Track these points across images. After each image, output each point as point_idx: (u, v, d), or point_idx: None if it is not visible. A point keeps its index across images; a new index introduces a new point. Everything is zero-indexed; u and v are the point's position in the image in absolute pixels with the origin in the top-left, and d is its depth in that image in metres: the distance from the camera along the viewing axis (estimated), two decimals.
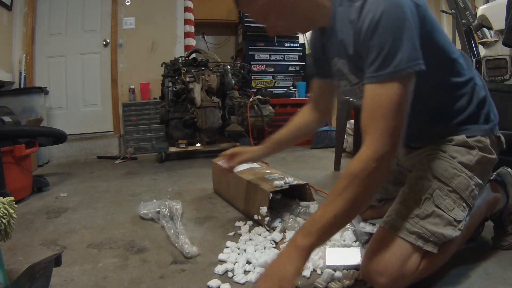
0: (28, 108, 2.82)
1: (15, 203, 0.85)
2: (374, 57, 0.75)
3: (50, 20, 3.38)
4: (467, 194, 0.87)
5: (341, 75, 0.95)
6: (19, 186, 1.85)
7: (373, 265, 0.83)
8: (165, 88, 2.94)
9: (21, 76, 3.15)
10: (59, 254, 0.86)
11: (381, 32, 0.73)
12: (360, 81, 0.87)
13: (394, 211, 0.88)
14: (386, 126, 0.74)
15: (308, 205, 1.31)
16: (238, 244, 1.15)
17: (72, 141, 3.26)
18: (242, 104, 3.01)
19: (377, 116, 0.75)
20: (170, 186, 2.08)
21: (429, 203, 0.85)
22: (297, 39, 4.15)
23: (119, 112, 3.55)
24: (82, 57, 3.49)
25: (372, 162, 0.74)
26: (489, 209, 1.04)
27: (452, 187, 0.86)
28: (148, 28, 3.61)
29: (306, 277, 0.95)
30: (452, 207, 0.85)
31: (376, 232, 0.90)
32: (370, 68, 0.76)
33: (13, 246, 1.22)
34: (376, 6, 0.73)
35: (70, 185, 2.21)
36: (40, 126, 2.36)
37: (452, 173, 0.88)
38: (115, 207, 1.70)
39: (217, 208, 1.61)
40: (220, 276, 0.97)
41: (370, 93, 0.77)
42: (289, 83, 4.03)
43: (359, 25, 0.77)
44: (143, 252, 1.16)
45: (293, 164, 2.62)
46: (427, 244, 0.83)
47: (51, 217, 1.58)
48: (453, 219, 0.84)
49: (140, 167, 2.76)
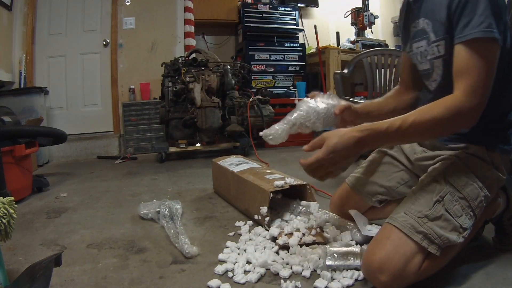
0: (28, 108, 2.82)
1: (15, 203, 0.85)
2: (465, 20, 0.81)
3: (50, 20, 3.38)
4: (476, 204, 0.88)
5: (420, 36, 0.98)
6: (19, 186, 1.85)
7: (375, 262, 0.83)
8: (165, 88, 2.94)
9: (21, 76, 3.15)
10: (59, 254, 0.86)
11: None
12: (439, 39, 0.91)
13: (402, 209, 0.88)
14: (474, 83, 0.80)
15: (308, 205, 1.31)
16: (238, 244, 1.15)
17: (72, 141, 3.26)
18: (242, 104, 3.01)
19: (466, 73, 0.81)
20: (170, 186, 2.08)
21: (440, 206, 0.86)
22: (297, 39, 4.15)
23: (119, 112, 3.55)
24: (82, 57, 3.49)
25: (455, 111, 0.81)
26: (489, 213, 1.04)
27: (463, 194, 0.88)
28: (148, 28, 3.61)
29: (306, 277, 0.95)
30: (461, 214, 0.86)
31: (382, 228, 0.90)
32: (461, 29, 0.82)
33: (13, 246, 1.22)
34: None
35: (70, 185, 2.21)
36: (40, 126, 2.36)
37: (465, 181, 0.89)
38: (115, 207, 1.70)
39: (217, 208, 1.61)
40: (220, 276, 0.97)
41: (460, 53, 0.83)
42: (289, 83, 4.03)
43: None
44: (143, 252, 1.16)
45: (293, 164, 2.61)
46: (432, 245, 0.83)
47: (51, 217, 1.58)
48: (459, 226, 0.85)
49: (140, 167, 2.76)
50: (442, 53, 0.92)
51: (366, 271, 0.86)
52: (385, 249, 0.83)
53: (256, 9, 3.95)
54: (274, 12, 4.01)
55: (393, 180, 1.15)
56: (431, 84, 1.01)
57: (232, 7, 4.04)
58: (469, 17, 0.81)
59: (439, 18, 0.89)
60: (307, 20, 4.56)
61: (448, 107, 0.82)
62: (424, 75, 1.04)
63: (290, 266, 0.99)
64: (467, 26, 0.81)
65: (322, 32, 4.34)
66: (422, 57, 1.01)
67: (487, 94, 0.82)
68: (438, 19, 0.90)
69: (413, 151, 1.13)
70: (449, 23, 0.86)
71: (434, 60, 0.96)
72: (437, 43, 0.93)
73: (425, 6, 0.96)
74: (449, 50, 0.88)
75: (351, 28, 4.38)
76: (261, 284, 0.93)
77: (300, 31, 4.21)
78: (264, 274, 0.97)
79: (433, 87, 1.01)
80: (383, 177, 1.16)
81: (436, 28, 0.91)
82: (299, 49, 4.08)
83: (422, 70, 1.03)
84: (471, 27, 0.80)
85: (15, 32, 3.15)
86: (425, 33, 0.96)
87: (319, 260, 0.99)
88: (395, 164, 1.17)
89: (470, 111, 0.82)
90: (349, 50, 4.05)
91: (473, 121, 0.84)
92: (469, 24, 0.81)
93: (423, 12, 0.96)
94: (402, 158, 1.16)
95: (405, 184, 1.14)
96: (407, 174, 1.15)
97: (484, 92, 0.81)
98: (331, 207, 1.26)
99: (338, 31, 4.37)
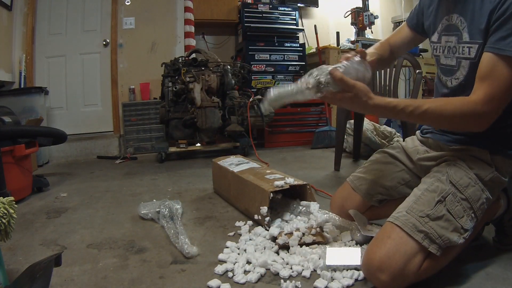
0: (28, 108, 2.82)
1: (15, 203, 0.85)
2: (505, 33, 0.81)
3: (50, 20, 3.37)
4: (478, 205, 0.89)
5: (452, 31, 0.97)
6: (19, 186, 1.85)
7: (375, 261, 0.83)
8: (165, 88, 2.94)
9: (21, 76, 3.15)
10: (59, 254, 0.86)
11: None
12: (473, 43, 0.91)
13: (404, 208, 0.89)
14: (493, 93, 0.82)
15: (308, 205, 1.31)
16: (238, 244, 1.15)
17: (72, 141, 3.26)
18: (242, 104, 3.01)
19: (489, 80, 0.83)
20: (170, 186, 2.08)
21: (441, 206, 0.86)
22: (297, 39, 4.15)
23: (119, 112, 3.55)
24: (82, 57, 3.49)
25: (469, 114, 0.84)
26: (490, 214, 1.04)
27: (465, 195, 0.88)
28: (148, 28, 3.61)
29: (306, 277, 0.95)
30: (462, 215, 0.87)
31: (383, 227, 0.90)
32: (498, 41, 0.82)
33: (13, 246, 1.22)
34: None
35: (70, 185, 2.21)
36: (40, 126, 2.36)
37: (467, 182, 0.89)
38: (115, 207, 1.70)
39: (217, 208, 1.61)
40: (220, 276, 0.97)
41: (489, 61, 0.84)
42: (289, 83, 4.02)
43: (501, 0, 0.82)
44: (143, 252, 1.16)
45: (293, 164, 2.61)
46: (432, 245, 0.83)
47: (51, 217, 1.58)
48: (460, 226, 0.86)
49: (140, 167, 2.76)
50: (472, 56, 0.92)
51: (366, 270, 0.86)
52: (386, 248, 0.83)
53: (256, 9, 3.94)
54: (274, 12, 4.01)
55: (394, 180, 1.15)
56: (451, 80, 1.01)
57: (232, 7, 4.04)
58: (509, 32, 0.81)
59: (478, 23, 0.88)
60: (307, 20, 4.56)
61: (463, 108, 0.84)
62: (445, 70, 1.03)
63: (290, 266, 0.99)
64: (505, 40, 0.81)
65: (322, 32, 4.34)
66: (450, 53, 1.00)
67: (503, 105, 0.84)
68: (476, 23, 0.89)
69: (416, 151, 1.13)
70: (486, 31, 0.86)
71: (462, 60, 0.96)
72: (469, 45, 0.92)
73: (463, 3, 0.93)
74: (479, 55, 0.88)
75: (351, 28, 4.37)
76: (261, 284, 0.93)
77: (300, 31, 4.21)
78: (264, 274, 0.97)
79: (452, 84, 1.01)
80: (384, 177, 1.17)
81: (473, 31, 0.90)
82: (299, 49, 4.08)
83: (445, 64, 1.02)
84: (508, 44, 0.81)
85: (15, 32, 3.15)
86: (458, 30, 0.95)
87: (319, 260, 0.99)
88: (396, 164, 1.17)
89: (483, 117, 0.84)
90: (349, 50, 4.05)
91: (484, 126, 0.86)
92: (507, 39, 0.81)
93: (459, 8, 0.94)
94: (404, 158, 1.16)
95: (405, 184, 1.14)
96: (408, 175, 1.15)
97: (500, 103, 0.83)
98: (331, 207, 1.26)
99: (338, 31, 4.37)
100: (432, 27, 1.07)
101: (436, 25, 1.05)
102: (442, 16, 1.01)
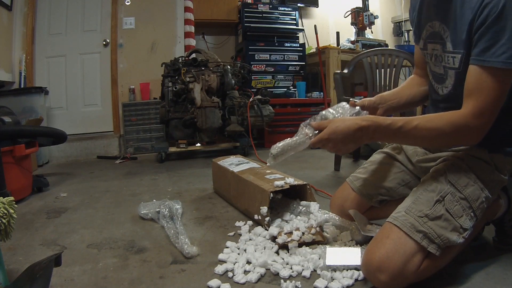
0: (28, 108, 2.82)
1: (15, 203, 0.85)
2: (487, 44, 0.79)
3: (50, 20, 3.38)
4: (477, 205, 0.88)
5: (436, 39, 0.97)
6: (19, 186, 1.85)
7: (374, 261, 0.83)
8: (165, 88, 2.94)
9: (21, 76, 3.15)
10: (59, 254, 0.86)
11: (502, 23, 0.77)
12: (456, 53, 0.90)
13: (403, 209, 0.89)
14: (483, 106, 0.81)
15: (308, 205, 1.31)
16: (238, 244, 1.15)
17: (72, 141, 3.26)
18: (242, 104, 3.01)
19: (477, 94, 0.81)
20: (170, 186, 2.08)
21: (440, 206, 0.86)
22: (297, 39, 4.15)
23: (119, 112, 3.55)
24: (82, 57, 3.49)
25: (459, 128, 0.83)
26: (490, 214, 1.04)
27: (464, 195, 0.88)
28: (148, 28, 3.61)
29: (306, 277, 0.95)
30: (461, 214, 0.86)
31: (382, 228, 0.90)
32: (482, 52, 0.80)
33: (13, 246, 1.22)
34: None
35: (70, 185, 2.21)
36: (40, 126, 2.36)
37: (466, 182, 0.89)
38: (115, 207, 1.70)
39: (217, 208, 1.61)
40: (220, 276, 0.97)
41: (474, 74, 0.82)
42: (289, 83, 4.03)
43: (479, 8, 0.80)
44: (143, 252, 1.16)
45: (293, 164, 2.61)
46: (431, 245, 0.83)
47: (51, 217, 1.58)
48: (459, 226, 0.85)
49: (140, 167, 2.76)
50: (457, 66, 0.91)
51: (366, 270, 0.87)
52: (385, 248, 0.83)
53: (256, 9, 3.95)
54: (274, 12, 4.01)
55: (393, 181, 1.15)
56: (442, 89, 1.00)
57: (232, 7, 4.04)
58: (491, 42, 0.79)
59: (460, 31, 0.87)
60: (307, 20, 4.56)
61: (453, 122, 0.83)
62: (436, 78, 1.02)
63: (290, 266, 0.99)
64: (488, 51, 0.79)
65: (322, 32, 4.34)
66: (437, 61, 0.99)
67: (494, 116, 0.83)
68: (458, 33, 0.87)
69: (415, 153, 1.13)
70: (468, 40, 0.85)
71: (448, 69, 0.95)
72: (453, 55, 0.91)
73: (444, 11, 0.92)
74: (463, 65, 0.88)
75: (351, 28, 4.38)
76: (261, 284, 0.93)
77: (300, 31, 4.21)
78: (264, 274, 0.97)
79: (443, 92, 1.00)
80: (384, 177, 1.16)
81: (455, 40, 0.89)
82: (299, 49, 4.08)
83: (435, 72, 1.02)
84: (492, 55, 0.79)
85: (15, 32, 3.15)
86: (441, 39, 0.94)
87: (319, 260, 0.99)
88: (397, 165, 1.17)
89: (474, 131, 0.83)
90: (349, 50, 4.05)
91: (477, 139, 0.85)
92: (490, 49, 0.79)
93: (441, 16, 0.93)
94: (404, 159, 1.16)
95: (405, 185, 1.14)
96: (408, 176, 1.15)
97: (491, 115, 0.82)
98: (331, 207, 1.26)
99: (338, 31, 4.37)
100: (417, 32, 1.07)
101: (420, 31, 1.04)
102: (426, 22, 1.01)
